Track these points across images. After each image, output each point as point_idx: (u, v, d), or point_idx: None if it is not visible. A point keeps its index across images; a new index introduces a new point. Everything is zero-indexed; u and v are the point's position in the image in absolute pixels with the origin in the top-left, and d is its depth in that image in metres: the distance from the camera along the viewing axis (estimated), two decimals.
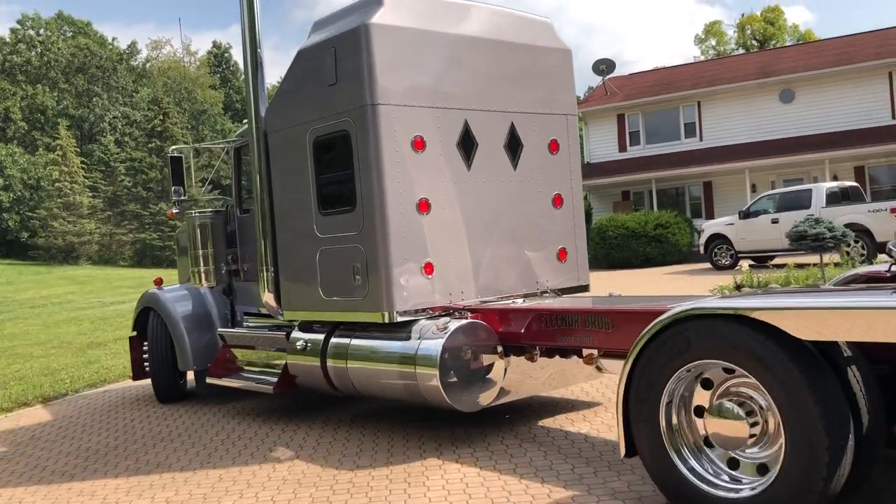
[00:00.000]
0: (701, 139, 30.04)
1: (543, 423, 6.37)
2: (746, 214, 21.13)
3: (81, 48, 64.58)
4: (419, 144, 6.03)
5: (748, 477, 3.93)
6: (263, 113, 6.89)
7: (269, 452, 6.18)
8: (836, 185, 21.11)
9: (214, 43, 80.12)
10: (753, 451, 3.93)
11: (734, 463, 4.02)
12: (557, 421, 6.39)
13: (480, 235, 6.40)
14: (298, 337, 6.72)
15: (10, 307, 26.38)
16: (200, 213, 8.16)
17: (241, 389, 7.64)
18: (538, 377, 6.04)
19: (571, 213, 7.08)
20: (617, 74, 35.07)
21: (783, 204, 20.50)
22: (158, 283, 8.80)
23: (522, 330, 5.63)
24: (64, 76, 63.98)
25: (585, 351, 5.37)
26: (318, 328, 6.67)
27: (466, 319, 5.73)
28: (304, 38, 6.70)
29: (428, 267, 6.04)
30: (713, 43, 61.93)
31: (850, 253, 17.55)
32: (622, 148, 31.83)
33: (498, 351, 5.72)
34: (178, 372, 8.47)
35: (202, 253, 8.00)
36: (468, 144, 6.38)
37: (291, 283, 6.76)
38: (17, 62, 62.40)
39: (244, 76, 7.06)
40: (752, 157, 27.35)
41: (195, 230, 7.98)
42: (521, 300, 6.33)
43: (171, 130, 51.09)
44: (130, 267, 48.51)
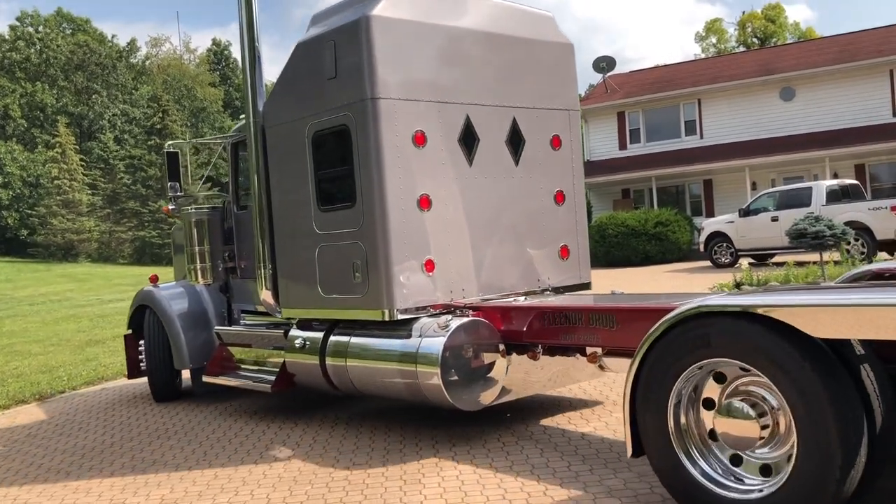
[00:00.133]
0: (701, 137, 29.99)
1: (542, 422, 6.32)
2: (746, 212, 21.10)
3: (81, 45, 64.53)
4: (420, 139, 5.95)
5: (758, 478, 3.84)
6: (261, 108, 6.80)
7: (265, 450, 6.15)
8: (836, 182, 21.08)
9: (214, 40, 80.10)
10: (763, 451, 3.84)
11: (741, 462, 3.93)
12: (556, 420, 6.35)
13: (482, 232, 6.33)
14: (297, 335, 6.63)
15: (9, 304, 26.36)
16: (197, 209, 8.03)
17: (238, 388, 7.57)
18: (540, 376, 5.97)
19: (573, 210, 7.00)
20: (617, 72, 35.02)
21: (783, 202, 20.47)
22: (154, 280, 8.72)
23: (525, 328, 5.58)
24: (63, 73, 63.93)
25: (589, 349, 5.29)
26: (316, 326, 6.58)
27: (468, 317, 5.67)
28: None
29: (429, 264, 5.97)
30: (714, 41, 61.87)
31: (850, 251, 17.49)
32: (622, 146, 31.78)
33: (500, 349, 5.66)
34: (174, 371, 8.39)
35: (198, 250, 7.85)
36: (470, 140, 6.30)
37: (290, 280, 6.68)
38: (16, 59, 62.35)
39: (242, 70, 6.97)
40: (752, 154, 27.29)
41: (191, 227, 7.84)
42: (522, 298, 6.26)
43: (170, 128, 51.02)
44: (130, 265, 48.47)
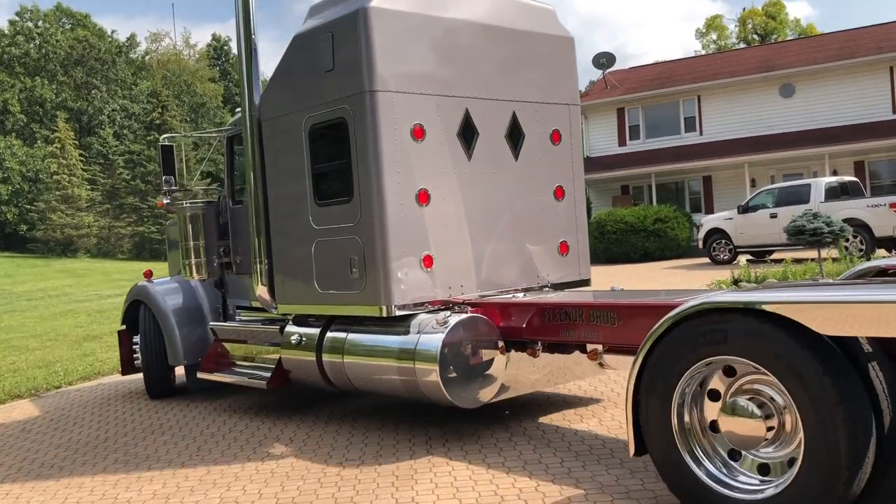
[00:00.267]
0: (701, 133, 29.96)
1: (538, 419, 6.29)
2: (745, 209, 21.09)
3: (80, 40, 64.43)
4: (419, 133, 5.87)
5: (763, 477, 3.78)
6: (257, 100, 6.72)
7: (258, 446, 6.14)
8: (835, 179, 21.06)
9: (214, 36, 79.94)
10: (768, 450, 3.78)
11: (753, 465, 3.86)
12: (552, 417, 6.32)
13: (481, 228, 6.25)
14: (293, 331, 6.55)
15: (7, 300, 26.36)
16: (192, 203, 7.93)
17: (233, 385, 7.51)
18: (539, 373, 5.92)
19: (573, 205, 6.93)
20: (618, 68, 34.97)
21: (782, 199, 20.45)
22: (148, 275, 8.63)
23: (524, 325, 5.51)
24: (62, 68, 63.85)
25: (590, 346, 5.23)
26: (313, 322, 6.49)
27: (467, 314, 5.59)
28: None
29: (427, 260, 5.89)
30: (714, 37, 61.79)
31: (848, 248, 17.48)
32: (622, 142, 31.73)
33: (499, 346, 5.59)
34: (168, 367, 8.32)
35: (193, 245, 7.77)
36: (469, 134, 6.22)
37: (286, 275, 6.62)
38: (15, 54, 62.27)
39: (238, 63, 6.88)
40: (751, 151, 27.25)
41: (186, 221, 7.77)
42: (521, 294, 6.21)
43: (169, 123, 50.97)
44: (129, 260, 48.44)
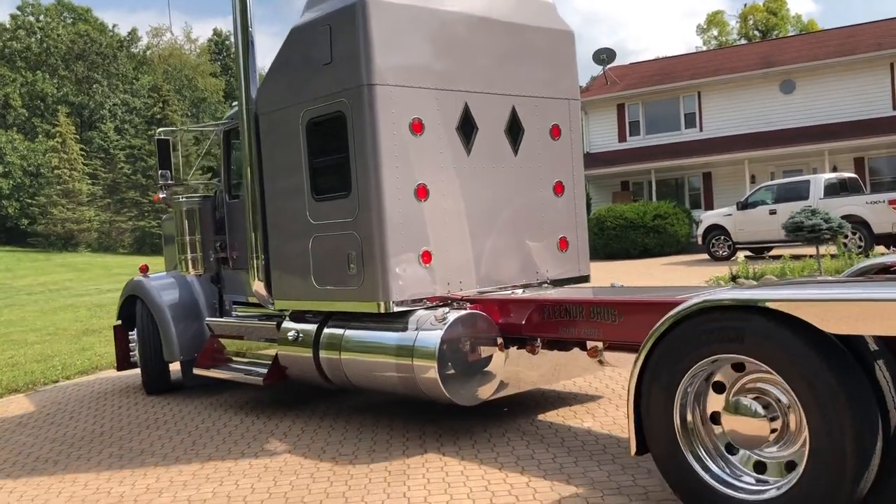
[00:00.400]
0: (701, 130, 29.94)
1: (538, 416, 6.26)
2: (744, 205, 21.08)
3: (81, 35, 64.43)
4: (417, 127, 5.82)
5: (767, 477, 3.73)
6: (254, 94, 6.67)
7: (252, 441, 6.16)
8: (834, 176, 21.05)
9: (215, 30, 79.98)
10: (772, 450, 3.73)
11: (758, 465, 3.82)
12: (548, 415, 6.30)
13: (480, 223, 6.19)
14: (290, 327, 6.50)
15: (7, 294, 26.42)
16: (188, 198, 7.89)
17: (229, 381, 7.45)
18: (538, 370, 5.88)
19: (573, 201, 6.88)
20: (618, 64, 34.94)
21: (781, 195, 20.44)
22: (144, 270, 8.59)
23: (523, 321, 5.45)
24: (64, 63, 63.85)
25: (590, 344, 5.20)
26: (310, 318, 6.44)
27: (466, 310, 5.54)
28: None
29: (426, 255, 5.84)
30: (715, 33, 61.69)
31: (847, 245, 17.50)
32: (622, 138, 31.73)
33: (498, 343, 5.54)
34: (165, 362, 8.26)
35: (189, 239, 7.71)
36: (468, 128, 6.15)
37: (283, 271, 6.58)
38: (16, 48, 62.28)
39: (234, 55, 6.82)
40: (751, 147, 27.26)
41: (182, 216, 7.71)
42: (520, 290, 6.17)
43: (170, 118, 50.96)
44: (130, 254, 48.49)
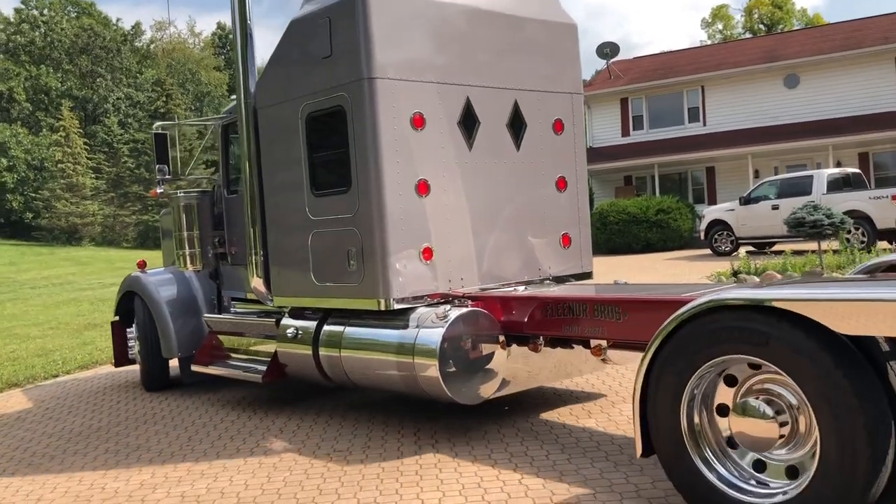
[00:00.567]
0: (704, 124, 29.85)
1: (532, 414, 6.22)
2: (747, 200, 21.03)
3: (85, 29, 64.46)
4: (418, 122, 5.73)
5: (776, 481, 3.66)
6: (253, 88, 6.61)
7: (248, 437, 6.16)
8: (837, 171, 20.98)
9: (219, 24, 79.81)
10: (781, 452, 3.66)
11: (760, 464, 3.77)
12: (545, 413, 6.25)
13: (482, 219, 6.12)
14: (289, 324, 6.45)
15: (11, 287, 26.48)
16: (186, 193, 7.83)
17: (228, 378, 7.42)
18: (541, 368, 5.81)
19: (575, 196, 6.78)
20: (622, 58, 34.84)
21: (784, 190, 20.38)
22: (142, 265, 8.54)
23: (526, 319, 5.39)
24: (68, 57, 63.91)
25: (593, 342, 5.14)
26: (309, 315, 6.39)
27: (467, 308, 5.47)
28: None
29: (427, 252, 5.77)
30: (720, 27, 61.45)
31: (849, 240, 17.43)
32: (625, 132, 31.65)
33: (500, 341, 5.48)
34: (163, 359, 8.19)
35: (187, 235, 7.66)
36: (470, 123, 6.07)
37: (282, 267, 6.52)
38: (20, 42, 62.35)
39: (232, 49, 6.78)
40: (755, 142, 27.15)
41: (180, 211, 7.67)
42: (522, 287, 6.08)
43: (174, 112, 50.97)
44: (133, 248, 48.58)
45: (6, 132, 54.22)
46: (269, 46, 6.62)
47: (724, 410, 3.85)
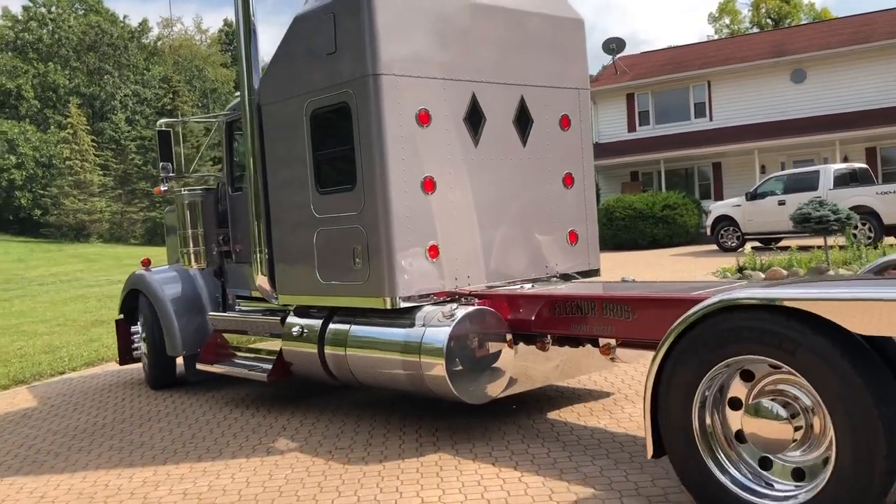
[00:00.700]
0: (711, 119, 29.76)
1: (536, 413, 6.19)
2: (753, 196, 20.97)
3: (93, 26, 64.62)
4: (424, 118, 5.68)
5: (787, 483, 3.62)
6: (257, 84, 6.58)
7: (251, 435, 6.19)
8: (844, 166, 20.89)
9: (226, 21, 79.93)
10: (795, 454, 3.60)
11: (767, 463, 3.74)
12: (548, 412, 6.23)
13: (488, 217, 6.07)
14: (294, 322, 6.40)
15: (19, 284, 26.60)
16: (190, 190, 7.81)
17: (233, 376, 7.40)
18: (549, 367, 5.76)
19: (582, 193, 6.71)
20: (629, 53, 34.75)
21: (790, 185, 20.30)
22: (146, 263, 8.54)
23: (533, 317, 5.34)
24: (75, 54, 64.09)
25: (602, 341, 5.11)
26: (314, 313, 6.34)
27: (474, 306, 5.42)
28: None
29: (433, 250, 5.71)
30: (727, 22, 61.19)
31: (856, 236, 17.37)
32: (631, 128, 31.59)
33: (507, 339, 5.42)
34: (169, 357, 8.17)
35: (191, 233, 7.65)
36: (476, 119, 6.01)
37: (287, 265, 6.49)
38: (28, 40, 62.55)
39: (236, 45, 6.69)
40: (762, 137, 27.07)
41: (184, 209, 7.65)
42: (529, 285, 6.04)
43: (181, 109, 51.10)
44: (141, 245, 48.76)
45: (15, 129, 54.46)
46: (274, 43, 6.59)
47: (736, 404, 3.79)
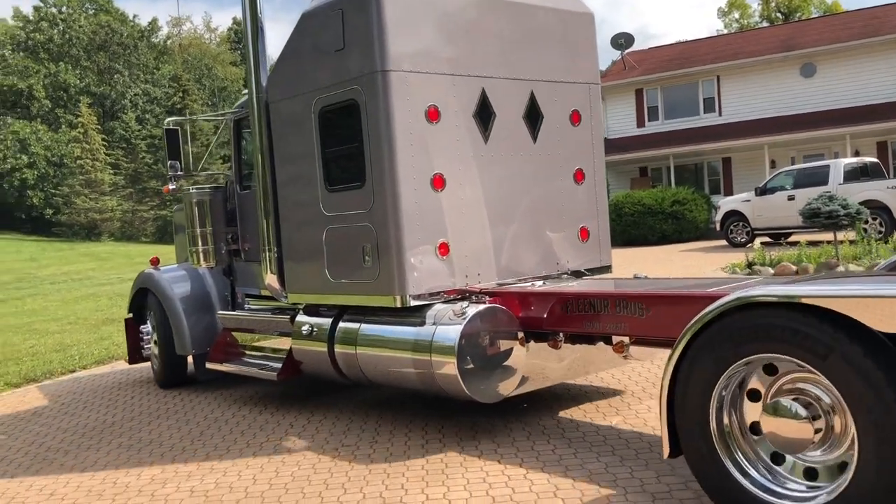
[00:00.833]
0: (720, 114, 29.64)
1: (552, 412, 6.15)
2: (763, 191, 20.88)
3: (103, 25, 64.88)
4: (433, 115, 5.64)
5: (799, 482, 3.58)
6: (264, 82, 6.51)
7: (258, 432, 6.23)
8: (855, 160, 20.77)
9: (234, 19, 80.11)
10: (815, 454, 3.54)
11: (779, 459, 3.68)
12: (570, 411, 6.15)
13: (498, 213, 6.02)
14: (304, 321, 6.39)
15: (32, 283, 26.80)
16: (198, 189, 7.81)
17: (242, 375, 7.38)
18: (561, 365, 5.70)
19: (593, 189, 6.66)
20: (638, 48, 34.63)
21: (800, 180, 20.20)
22: (155, 262, 8.55)
23: (545, 315, 5.30)
24: (86, 53, 64.37)
25: (616, 339, 5.05)
26: (324, 312, 6.31)
27: (485, 304, 5.39)
28: None
29: (443, 247, 5.66)
30: (737, 16, 60.87)
31: (867, 230, 17.27)
32: (640, 123, 31.49)
33: (519, 337, 5.38)
34: (179, 356, 8.16)
35: (200, 231, 7.65)
36: (485, 115, 5.96)
37: (296, 264, 6.46)
38: (39, 40, 62.87)
39: (244, 42, 6.67)
40: (771, 132, 26.94)
41: (192, 207, 7.65)
42: (540, 283, 6.00)
43: (190, 107, 51.29)
44: (152, 243, 49.00)
45: (26, 129, 54.81)
46: (282, 40, 6.55)
47: (755, 395, 3.73)
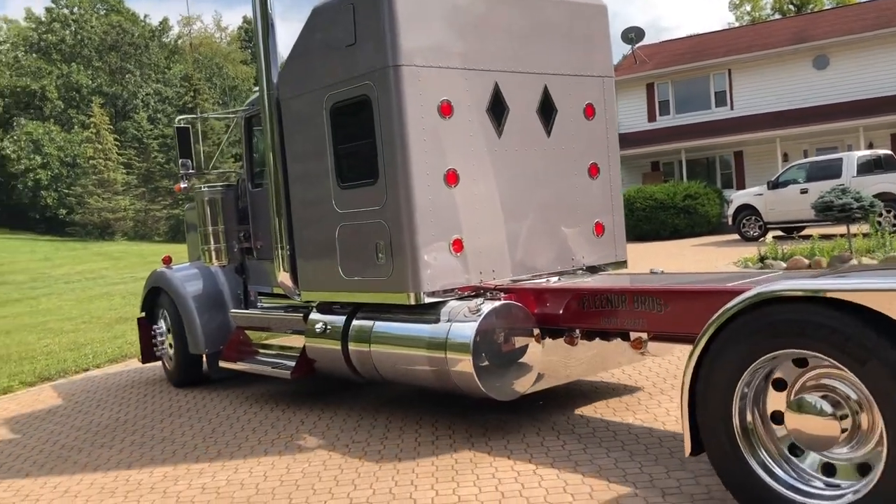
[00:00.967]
0: (732, 108, 29.46)
1: (567, 409, 6.06)
2: (775, 185, 20.75)
3: (114, 26, 65.26)
4: (446, 110, 5.57)
5: (835, 480, 3.51)
6: (275, 79, 6.47)
7: (269, 429, 6.26)
8: (868, 153, 20.60)
9: (245, 18, 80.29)
10: (843, 451, 3.48)
11: (797, 452, 3.64)
12: (582, 408, 6.08)
13: (512, 209, 5.95)
14: (317, 319, 6.34)
15: (46, 283, 27.02)
16: (210, 187, 7.80)
17: (256, 374, 7.37)
18: (577, 361, 5.64)
19: (608, 183, 6.56)
20: (652, 42, 34.50)
21: (813, 174, 20.06)
22: (167, 261, 8.57)
23: (561, 311, 5.25)
24: (98, 54, 64.77)
25: (633, 335, 5.01)
26: (337, 310, 6.27)
27: (500, 301, 5.34)
28: None
29: (457, 244, 5.61)
30: (748, 9, 60.46)
31: (881, 223, 17.13)
32: (652, 118, 31.35)
33: (534, 334, 5.33)
34: (193, 355, 8.13)
35: (212, 230, 7.61)
36: (499, 109, 5.89)
37: (308, 261, 6.39)
38: (52, 41, 63.34)
39: (254, 40, 6.65)
40: (783, 125, 26.77)
41: (204, 206, 7.62)
42: (555, 278, 5.96)
43: (202, 106, 51.49)
44: (165, 242, 49.25)
45: (39, 130, 55.21)
46: (293, 37, 6.50)
47: (780, 385, 3.68)
